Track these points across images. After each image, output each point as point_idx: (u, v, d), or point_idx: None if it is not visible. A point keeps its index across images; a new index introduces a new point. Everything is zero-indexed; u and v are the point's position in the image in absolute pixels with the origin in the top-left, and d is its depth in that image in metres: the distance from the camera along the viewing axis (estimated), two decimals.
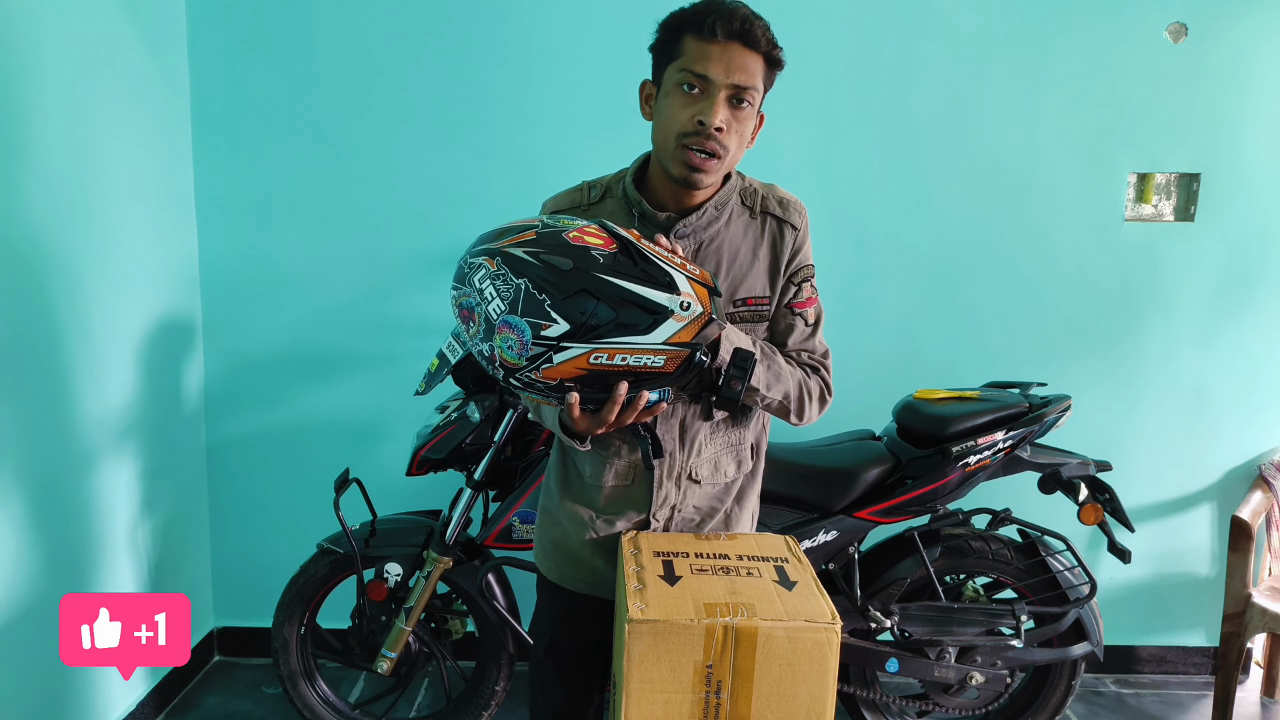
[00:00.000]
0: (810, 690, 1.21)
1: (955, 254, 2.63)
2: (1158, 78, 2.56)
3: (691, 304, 1.17)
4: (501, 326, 1.15)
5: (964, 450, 2.08)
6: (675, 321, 1.16)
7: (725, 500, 1.50)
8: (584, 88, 2.54)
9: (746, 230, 1.40)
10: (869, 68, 2.55)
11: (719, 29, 1.23)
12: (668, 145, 1.29)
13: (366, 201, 2.59)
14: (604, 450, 1.44)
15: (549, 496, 1.55)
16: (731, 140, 1.28)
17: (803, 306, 1.43)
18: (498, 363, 1.18)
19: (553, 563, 1.54)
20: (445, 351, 2.15)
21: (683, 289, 1.17)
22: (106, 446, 2.22)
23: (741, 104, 1.27)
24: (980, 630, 2.14)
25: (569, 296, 1.13)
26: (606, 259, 1.16)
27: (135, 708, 2.36)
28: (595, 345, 1.15)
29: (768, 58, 1.28)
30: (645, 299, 1.15)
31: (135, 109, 2.29)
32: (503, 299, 1.15)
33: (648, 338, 1.16)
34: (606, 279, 1.14)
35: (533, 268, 1.14)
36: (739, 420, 1.47)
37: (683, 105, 1.26)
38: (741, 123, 1.29)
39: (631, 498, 1.45)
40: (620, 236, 1.20)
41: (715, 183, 1.34)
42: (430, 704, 2.57)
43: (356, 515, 2.25)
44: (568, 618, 1.55)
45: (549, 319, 1.13)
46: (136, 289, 2.32)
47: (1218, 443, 2.73)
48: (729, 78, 1.24)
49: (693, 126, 1.26)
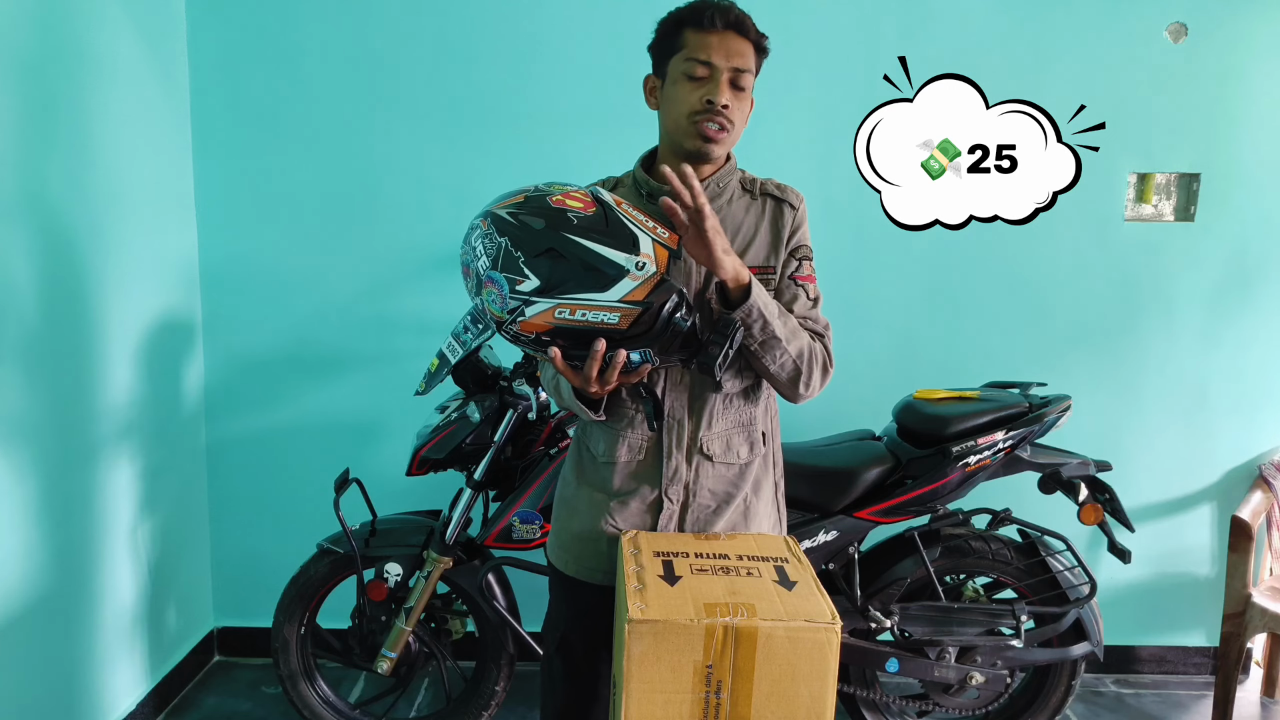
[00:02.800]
0: (810, 690, 1.21)
1: (955, 254, 2.63)
2: (1158, 78, 2.56)
3: (647, 264, 1.23)
4: (487, 281, 1.25)
5: (964, 450, 2.08)
6: (630, 281, 1.23)
7: (741, 486, 1.52)
8: (584, 88, 2.54)
9: (749, 209, 1.50)
10: (869, 68, 2.55)
11: (717, 20, 1.37)
12: (680, 124, 1.41)
13: (366, 201, 2.59)
14: (616, 423, 1.49)
15: (565, 485, 1.59)
16: (736, 117, 1.42)
17: (804, 279, 1.50)
18: (488, 315, 1.27)
19: (570, 555, 1.56)
20: (445, 351, 2.15)
21: (643, 249, 1.24)
22: (106, 446, 2.22)
23: (741, 87, 1.40)
24: (980, 630, 2.14)
25: (538, 254, 1.22)
26: (580, 220, 1.24)
27: (135, 707, 2.36)
28: (559, 300, 1.22)
29: (757, 45, 1.42)
30: (605, 258, 1.22)
31: (135, 109, 2.29)
32: (488, 256, 1.24)
33: (605, 295, 1.23)
34: (572, 238, 1.22)
35: (511, 227, 1.24)
36: (750, 397, 1.52)
37: (691, 89, 1.39)
38: (742, 102, 1.42)
39: (645, 474, 1.49)
40: (601, 200, 1.27)
41: (721, 157, 1.46)
42: (430, 704, 2.57)
43: (356, 515, 2.25)
44: (583, 611, 1.56)
45: (522, 275, 1.22)
46: (136, 288, 2.32)
47: (1218, 443, 2.73)
48: (729, 62, 1.38)
49: (702, 106, 1.38)
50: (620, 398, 1.48)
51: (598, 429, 1.52)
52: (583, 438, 1.57)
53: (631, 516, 1.49)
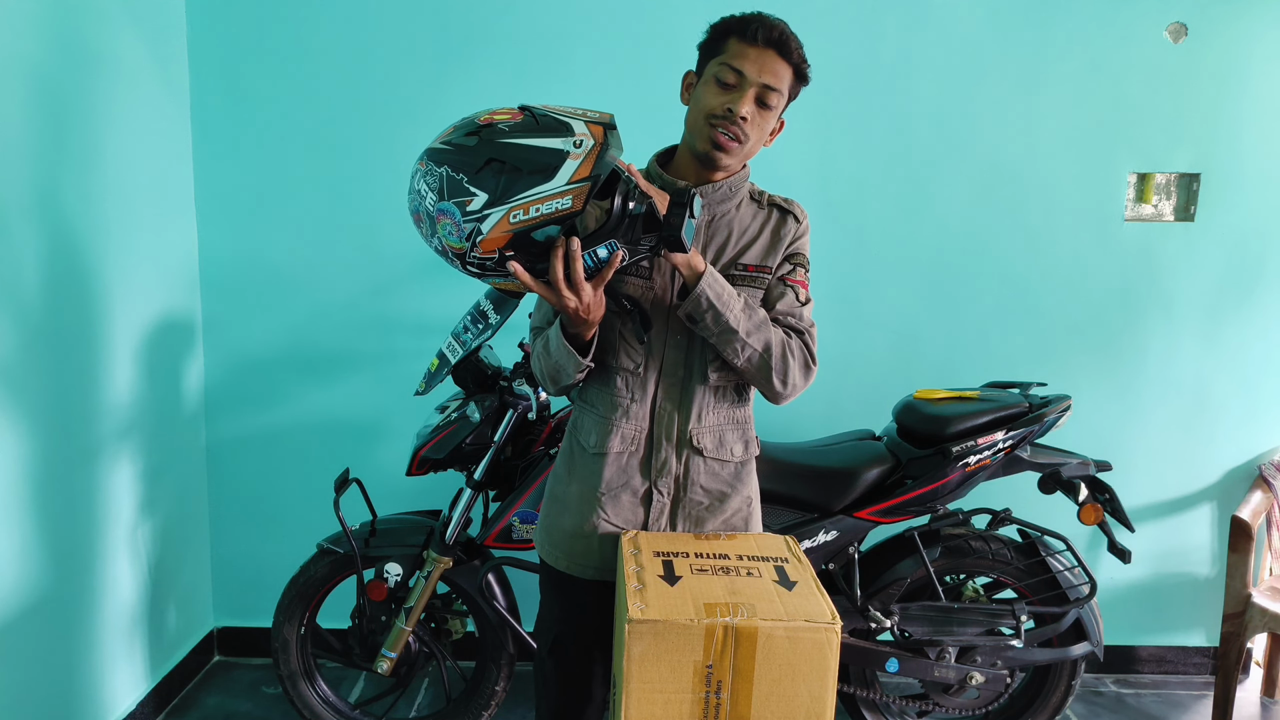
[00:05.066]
0: (810, 690, 1.21)
1: (955, 254, 2.63)
2: (1158, 78, 2.56)
3: (584, 140, 1.25)
4: (438, 215, 1.25)
5: (964, 450, 2.08)
6: (572, 160, 1.24)
7: (738, 487, 1.53)
8: (584, 87, 2.53)
9: (755, 215, 1.54)
10: (869, 68, 2.56)
11: (759, 35, 1.39)
12: (698, 124, 1.43)
13: (366, 201, 2.59)
14: (610, 412, 1.49)
15: (557, 481, 1.60)
16: (753, 131, 1.42)
17: (795, 282, 1.52)
18: (449, 253, 1.28)
19: (561, 551, 1.56)
20: (445, 351, 2.15)
21: (577, 130, 1.25)
22: (106, 446, 2.22)
23: (767, 105, 1.42)
24: (980, 630, 2.14)
25: (479, 169, 1.23)
26: (510, 126, 1.25)
27: (135, 707, 2.36)
28: (510, 204, 1.22)
29: (796, 70, 1.43)
30: (542, 148, 1.23)
31: (136, 108, 2.29)
32: (433, 190, 1.25)
33: (552, 183, 1.23)
34: (507, 142, 1.23)
35: (448, 154, 1.25)
36: (743, 395, 1.54)
37: (717, 93, 1.41)
38: (764, 119, 1.43)
39: (636, 466, 1.50)
40: (528, 108, 1.29)
41: (733, 167, 1.47)
42: (430, 704, 2.57)
43: (356, 515, 2.25)
44: (575, 608, 1.57)
45: (468, 194, 1.23)
46: (136, 288, 2.32)
47: (1218, 443, 2.73)
48: (760, 77, 1.39)
49: (722, 111, 1.40)
50: (610, 375, 1.48)
51: (591, 419, 1.52)
52: (575, 432, 1.58)
53: (623, 510, 1.50)
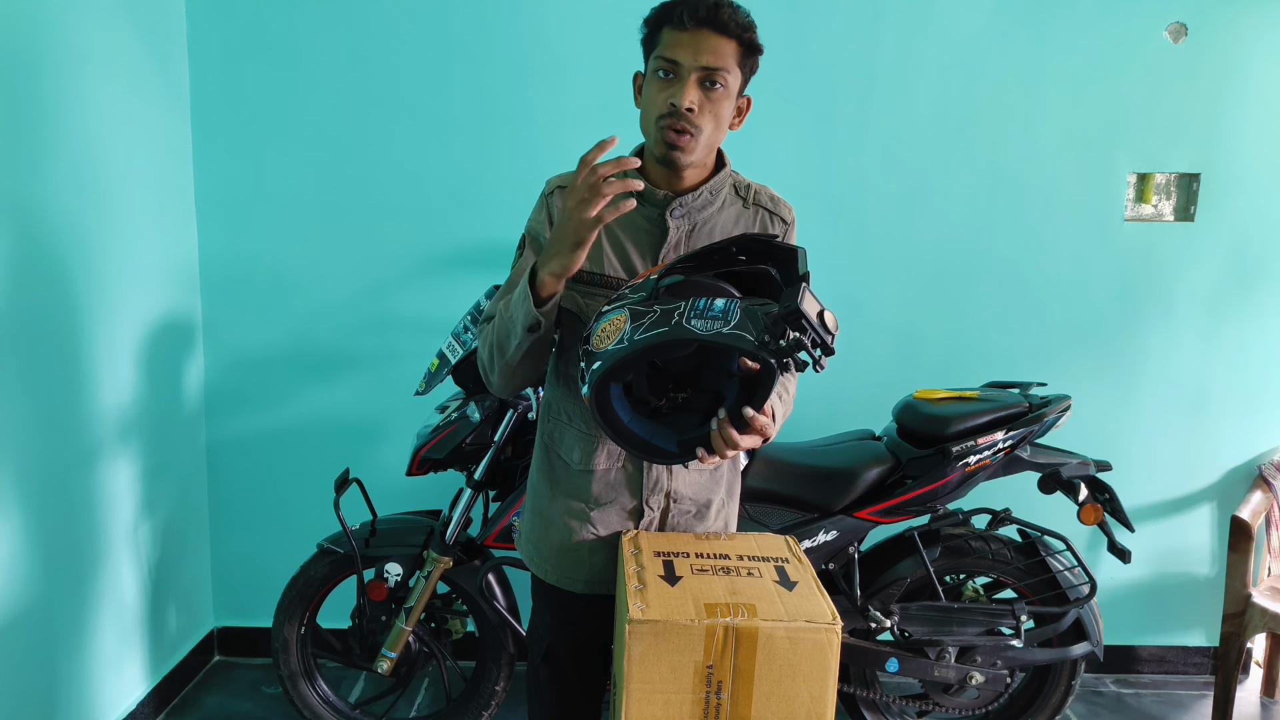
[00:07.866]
0: (810, 690, 1.21)
1: (955, 254, 2.63)
2: (1158, 78, 2.56)
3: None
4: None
5: (964, 450, 2.08)
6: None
7: (715, 489, 1.52)
8: (584, 87, 2.54)
9: (739, 218, 1.46)
10: (869, 68, 2.55)
11: (687, 17, 1.30)
12: (649, 128, 1.37)
13: (366, 201, 2.59)
14: (592, 427, 1.43)
15: (539, 496, 1.54)
16: (705, 120, 1.33)
17: None
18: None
19: (549, 565, 1.52)
20: (445, 351, 2.15)
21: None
22: (106, 446, 2.22)
23: (714, 85, 1.32)
24: (980, 630, 2.14)
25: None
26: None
27: (135, 707, 2.36)
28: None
29: (741, 41, 1.33)
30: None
31: (135, 108, 2.29)
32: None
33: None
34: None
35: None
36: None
37: (658, 90, 1.33)
38: (715, 103, 1.34)
39: (624, 482, 1.46)
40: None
41: (697, 161, 1.38)
42: (430, 704, 2.57)
43: (356, 515, 2.25)
44: (568, 619, 1.54)
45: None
46: (136, 288, 2.32)
47: (1218, 443, 2.73)
48: (698, 60, 1.30)
49: (666, 108, 1.32)
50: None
51: (572, 435, 1.47)
52: (551, 445, 1.51)
53: (612, 525, 1.47)
